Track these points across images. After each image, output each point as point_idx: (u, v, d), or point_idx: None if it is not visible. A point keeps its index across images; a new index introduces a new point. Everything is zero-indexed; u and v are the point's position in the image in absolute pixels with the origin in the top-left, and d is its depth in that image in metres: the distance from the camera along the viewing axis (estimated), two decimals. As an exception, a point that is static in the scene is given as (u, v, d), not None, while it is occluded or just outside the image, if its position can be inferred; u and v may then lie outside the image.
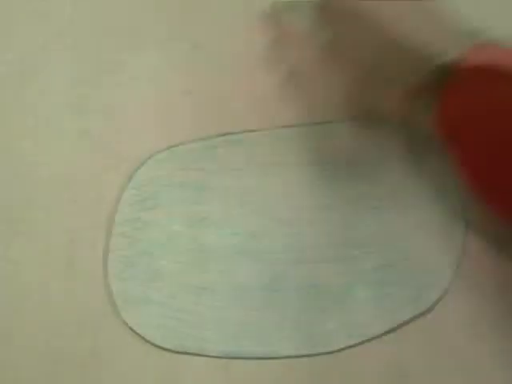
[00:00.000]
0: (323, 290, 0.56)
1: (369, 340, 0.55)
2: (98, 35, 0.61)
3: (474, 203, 0.57)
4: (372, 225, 0.57)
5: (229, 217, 0.57)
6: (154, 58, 0.61)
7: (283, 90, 0.60)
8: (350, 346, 0.55)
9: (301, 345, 0.55)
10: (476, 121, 0.46)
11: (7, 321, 0.55)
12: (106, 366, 0.55)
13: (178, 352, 0.55)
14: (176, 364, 0.55)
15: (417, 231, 0.57)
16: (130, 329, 0.55)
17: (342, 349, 0.55)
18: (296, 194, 0.58)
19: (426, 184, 0.58)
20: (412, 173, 0.58)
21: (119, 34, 0.62)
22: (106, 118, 0.59)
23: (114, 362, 0.54)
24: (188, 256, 0.57)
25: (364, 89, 0.51)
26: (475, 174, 0.48)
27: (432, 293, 0.56)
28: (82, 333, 0.55)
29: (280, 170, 0.59)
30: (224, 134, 0.59)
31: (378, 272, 0.56)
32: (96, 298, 0.55)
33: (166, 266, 0.56)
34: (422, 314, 0.56)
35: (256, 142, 0.59)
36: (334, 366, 0.55)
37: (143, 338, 0.55)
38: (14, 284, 0.56)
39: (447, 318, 0.55)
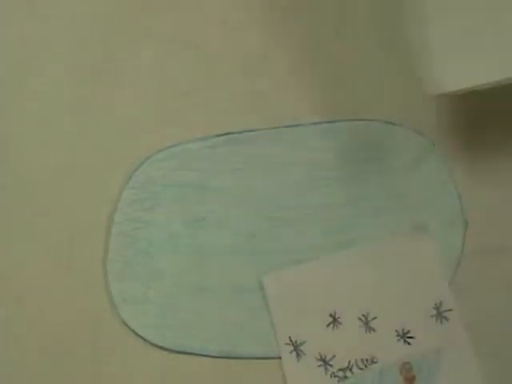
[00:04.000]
0: (323, 290, 0.56)
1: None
2: (97, 35, 0.61)
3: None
4: (371, 225, 0.57)
5: (228, 217, 0.57)
6: (153, 58, 0.61)
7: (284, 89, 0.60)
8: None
9: (301, 345, 0.55)
10: None
11: (7, 321, 0.55)
12: (105, 366, 0.55)
13: (177, 352, 0.55)
14: (176, 364, 0.55)
15: (417, 231, 0.57)
16: (130, 329, 0.55)
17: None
18: (296, 193, 0.58)
19: (425, 184, 0.58)
20: (412, 173, 0.58)
21: (119, 34, 0.61)
22: (105, 118, 0.59)
23: (114, 362, 0.55)
24: (187, 256, 0.57)
25: None
26: None
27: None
28: (82, 333, 0.55)
29: (280, 170, 0.59)
30: (224, 134, 0.59)
31: (378, 272, 0.57)
32: (96, 298, 0.55)
33: (165, 265, 0.56)
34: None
35: (256, 142, 0.59)
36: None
37: (143, 337, 0.55)
38: (13, 284, 0.56)
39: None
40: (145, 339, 0.55)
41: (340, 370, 0.54)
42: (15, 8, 0.61)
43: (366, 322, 0.55)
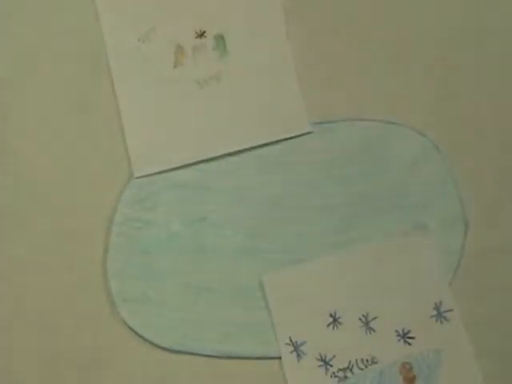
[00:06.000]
0: (323, 290, 0.56)
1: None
2: (97, 35, 0.61)
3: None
4: (371, 225, 0.57)
5: (229, 217, 0.57)
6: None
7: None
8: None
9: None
10: None
11: (7, 321, 0.55)
12: (105, 365, 0.55)
13: (177, 351, 0.55)
14: (176, 363, 0.55)
15: (417, 231, 0.57)
16: (130, 328, 0.55)
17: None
18: (296, 193, 0.58)
19: (425, 184, 0.58)
20: (412, 173, 0.58)
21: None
22: (105, 117, 0.59)
23: (114, 361, 0.55)
24: (187, 256, 0.57)
25: None
26: None
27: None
28: (82, 332, 0.55)
29: (280, 170, 0.59)
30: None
31: (378, 272, 0.57)
32: (95, 298, 0.55)
33: (165, 265, 0.56)
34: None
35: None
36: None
37: (142, 337, 0.55)
38: (14, 284, 0.56)
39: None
40: (144, 338, 0.55)
41: (340, 370, 0.54)
42: (15, 8, 0.61)
43: (367, 322, 0.55)
